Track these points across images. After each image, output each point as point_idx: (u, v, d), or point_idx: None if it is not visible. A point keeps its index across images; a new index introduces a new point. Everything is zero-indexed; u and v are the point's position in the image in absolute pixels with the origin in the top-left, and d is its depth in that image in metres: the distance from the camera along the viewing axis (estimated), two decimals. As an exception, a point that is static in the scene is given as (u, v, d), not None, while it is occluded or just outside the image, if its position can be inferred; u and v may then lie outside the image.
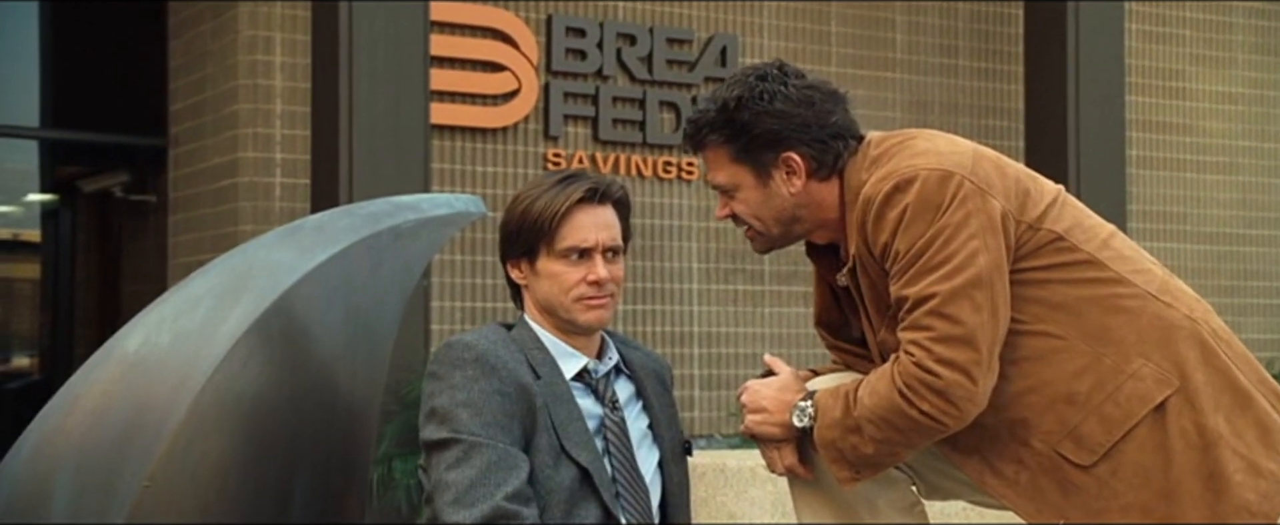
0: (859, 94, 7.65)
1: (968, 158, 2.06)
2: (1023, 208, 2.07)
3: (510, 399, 2.06)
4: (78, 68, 7.23)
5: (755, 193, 2.15)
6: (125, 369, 1.94)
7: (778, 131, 2.11)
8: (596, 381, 2.20)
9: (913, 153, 2.07)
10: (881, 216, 2.03)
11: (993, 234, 2.02)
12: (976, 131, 7.97)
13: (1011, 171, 2.10)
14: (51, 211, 7.59)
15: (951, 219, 2.00)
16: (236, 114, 6.37)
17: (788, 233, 2.21)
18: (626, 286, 6.97)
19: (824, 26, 7.61)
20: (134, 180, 7.41)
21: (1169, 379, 2.06)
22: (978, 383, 2.00)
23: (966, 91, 7.95)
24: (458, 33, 6.69)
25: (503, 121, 6.79)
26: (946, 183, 2.01)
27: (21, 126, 7.17)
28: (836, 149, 2.14)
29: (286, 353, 2.04)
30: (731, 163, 2.15)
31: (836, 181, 2.15)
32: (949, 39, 7.90)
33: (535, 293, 2.18)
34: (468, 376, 2.04)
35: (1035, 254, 2.07)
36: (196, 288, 1.99)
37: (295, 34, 6.30)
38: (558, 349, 2.18)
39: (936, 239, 2.00)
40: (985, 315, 2.00)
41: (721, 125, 2.14)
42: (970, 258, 1.99)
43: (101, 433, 1.90)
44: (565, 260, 2.17)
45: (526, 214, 2.16)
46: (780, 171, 2.13)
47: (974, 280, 1.99)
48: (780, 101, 2.12)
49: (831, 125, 2.14)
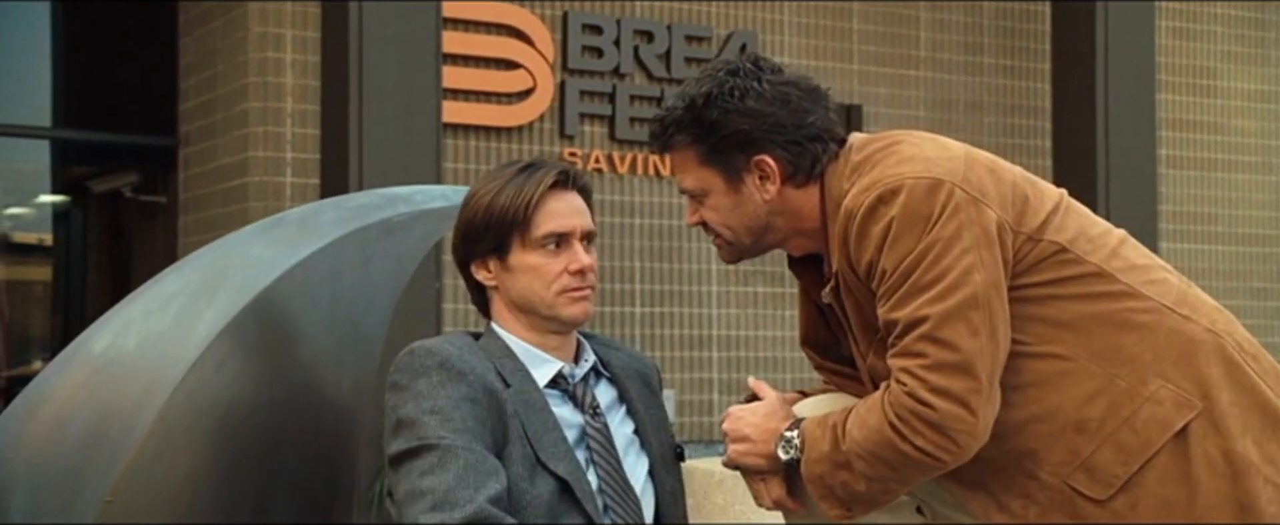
0: (881, 92, 7.54)
1: (959, 163, 1.88)
2: (1021, 217, 1.89)
3: (480, 405, 1.89)
4: (88, 67, 7.19)
5: (726, 198, 1.98)
6: (89, 373, 1.79)
7: (749, 132, 1.93)
8: (573, 386, 2.03)
9: (898, 160, 1.88)
10: (865, 232, 1.86)
11: (989, 247, 1.84)
12: (1002, 131, 7.85)
13: (1008, 177, 1.92)
14: (63, 212, 7.52)
15: (942, 232, 1.82)
16: (246, 112, 6.30)
17: (759, 243, 2.04)
18: (645, 289, 6.85)
19: (846, 24, 7.48)
20: (144, 180, 7.35)
21: (1190, 401, 1.88)
22: (977, 414, 1.82)
23: (992, 90, 7.83)
24: (471, 30, 6.60)
25: (517, 120, 6.70)
26: (936, 192, 1.83)
27: (32, 126, 7.11)
28: (814, 152, 1.95)
29: (265, 356, 1.89)
30: (700, 166, 1.98)
31: (816, 187, 1.97)
32: (974, 36, 7.78)
33: (510, 292, 2.01)
34: (433, 383, 1.88)
35: (1036, 268, 1.89)
36: (168, 286, 1.85)
37: (306, 31, 6.21)
38: (530, 355, 2.01)
39: (926, 255, 1.82)
40: (983, 339, 1.82)
41: (689, 124, 1.96)
42: (964, 275, 1.82)
43: (61, 444, 1.75)
44: (543, 250, 2.00)
45: (494, 206, 1.98)
46: (753, 176, 1.96)
47: (969, 300, 1.81)
48: (753, 99, 1.93)
49: (809, 126, 1.95)
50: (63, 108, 7.23)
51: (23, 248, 7.70)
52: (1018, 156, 7.93)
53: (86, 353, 1.82)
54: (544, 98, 6.74)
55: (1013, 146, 7.91)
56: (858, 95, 7.51)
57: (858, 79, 7.50)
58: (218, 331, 1.80)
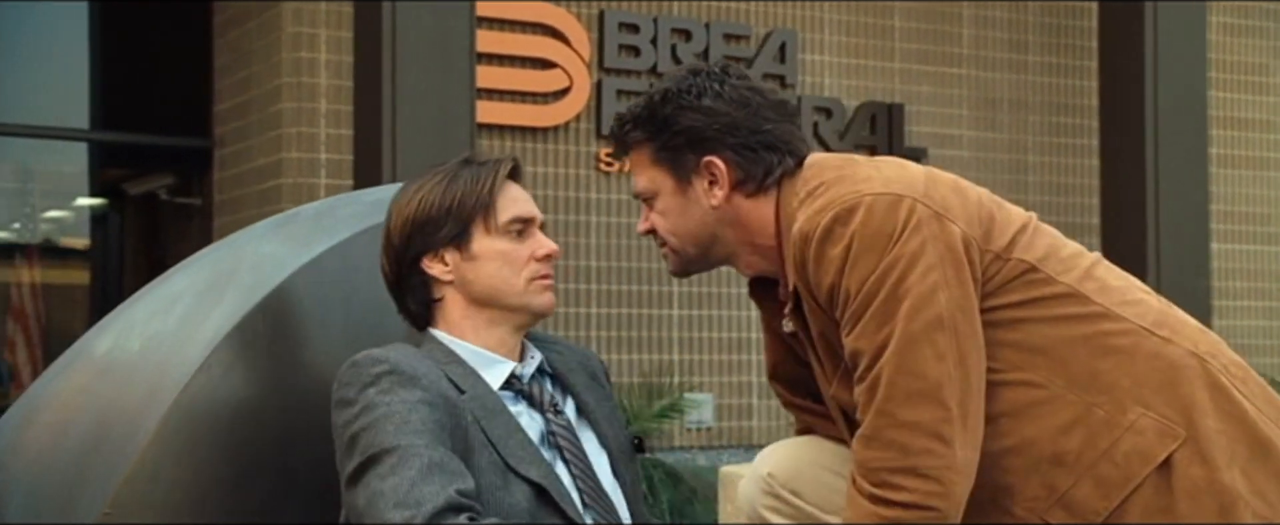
0: (924, 91, 7.43)
1: (919, 180, 1.79)
2: (988, 234, 1.79)
3: (438, 409, 1.77)
4: (124, 69, 7.20)
5: (674, 201, 1.90)
6: (90, 377, 1.70)
7: (700, 130, 1.86)
8: (527, 386, 1.92)
9: (853, 180, 1.79)
10: (822, 255, 1.75)
11: (955, 265, 1.73)
12: (1047, 130, 7.72)
13: (973, 195, 1.83)
14: (101, 216, 7.52)
15: (904, 249, 1.71)
16: (280, 113, 6.26)
17: (706, 255, 1.94)
18: (682, 291, 6.75)
19: (887, 21, 7.37)
20: (180, 182, 7.34)
21: (1173, 430, 1.75)
22: (952, 444, 1.69)
23: (1036, 88, 7.72)
24: (506, 29, 6.54)
25: (553, 120, 6.63)
26: (896, 208, 1.73)
27: (70, 129, 7.11)
28: (768, 162, 1.87)
29: (275, 358, 1.79)
30: (651, 165, 1.91)
31: (770, 201, 1.88)
32: (1018, 33, 7.67)
33: (472, 285, 1.89)
34: (382, 390, 1.73)
35: (1005, 288, 1.78)
36: (175, 285, 1.76)
37: (340, 30, 6.17)
38: (478, 358, 1.89)
39: (889, 275, 1.71)
40: (950, 364, 1.70)
41: (644, 120, 1.90)
42: (929, 294, 1.70)
43: (59, 452, 1.67)
44: (508, 236, 1.91)
45: (450, 195, 1.88)
46: (702, 179, 1.88)
47: (934, 322, 1.70)
48: (710, 98, 1.87)
49: (765, 133, 1.87)
50: (99, 110, 7.24)
51: (61, 251, 7.69)
52: (1063, 156, 7.79)
53: (87, 355, 1.73)
54: (580, 97, 6.67)
55: (1058, 146, 7.78)
56: (899, 94, 7.40)
57: (899, 77, 7.40)
58: (225, 333, 1.70)
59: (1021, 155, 7.71)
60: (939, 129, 7.49)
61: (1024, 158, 7.72)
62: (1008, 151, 7.67)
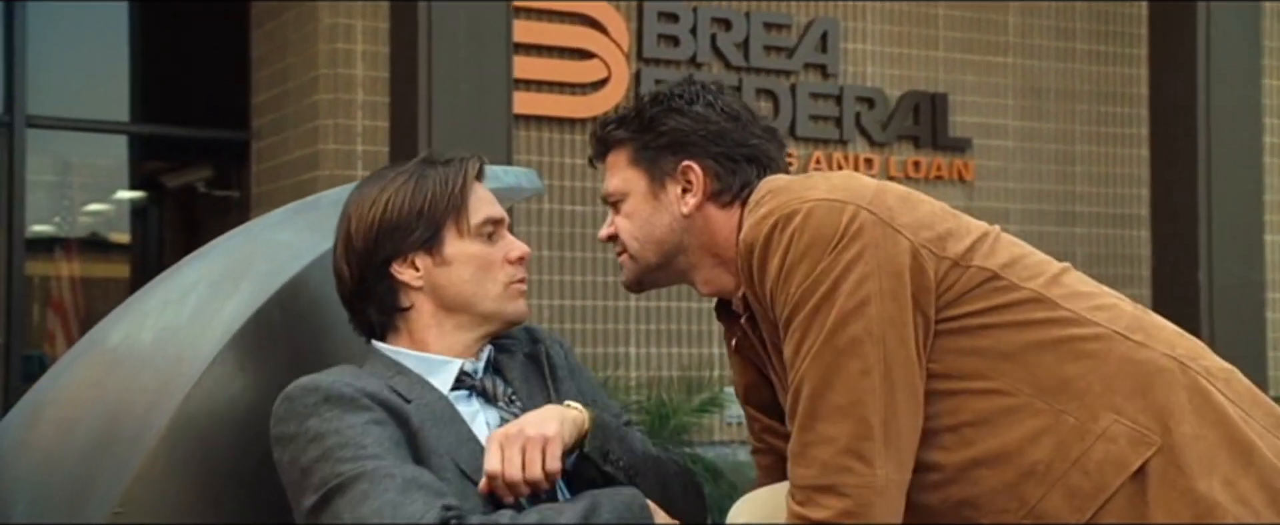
0: (968, 81, 7.33)
1: (867, 190, 1.71)
2: (943, 241, 1.69)
3: (389, 426, 1.64)
4: (162, 61, 7.21)
5: (643, 205, 1.84)
6: (100, 371, 1.64)
7: (685, 134, 1.82)
8: (480, 381, 1.82)
9: (802, 186, 1.73)
10: (764, 262, 1.68)
11: (893, 277, 1.64)
12: (1095, 119, 7.61)
13: (925, 207, 1.74)
14: (140, 209, 7.53)
15: (840, 257, 1.63)
16: (317, 105, 6.24)
17: (666, 265, 1.86)
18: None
19: (931, 10, 7.28)
20: (217, 175, 7.35)
21: (1147, 437, 1.65)
22: (872, 464, 1.60)
23: (1084, 77, 7.62)
24: (543, 18, 6.49)
25: (591, 111, 6.58)
26: (837, 213, 1.65)
27: (110, 121, 7.12)
28: (747, 176, 1.82)
29: (292, 351, 1.72)
30: (628, 166, 1.86)
31: (737, 214, 1.82)
32: (1066, 21, 7.57)
33: (444, 291, 1.78)
34: (325, 419, 1.61)
35: (967, 297, 1.69)
36: (188, 274, 1.69)
37: (377, 21, 6.14)
38: (424, 364, 1.78)
39: (821, 283, 1.63)
40: (876, 378, 1.61)
41: (630, 121, 1.86)
42: (859, 307, 1.62)
43: (67, 449, 1.60)
44: (480, 238, 1.81)
45: (419, 196, 1.77)
46: (676, 184, 1.83)
47: (862, 335, 1.61)
48: (701, 105, 1.84)
49: (751, 146, 1.83)
50: (139, 103, 7.24)
51: (102, 245, 7.71)
52: (1112, 146, 7.67)
53: (97, 349, 1.66)
54: (619, 88, 6.63)
55: (1107, 136, 7.66)
56: (943, 84, 7.31)
57: (943, 66, 7.30)
58: (240, 325, 1.63)
59: (1068, 145, 7.61)
60: (984, 119, 7.38)
61: (1071, 148, 7.61)
62: (1054, 142, 7.56)
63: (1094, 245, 7.52)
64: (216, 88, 7.10)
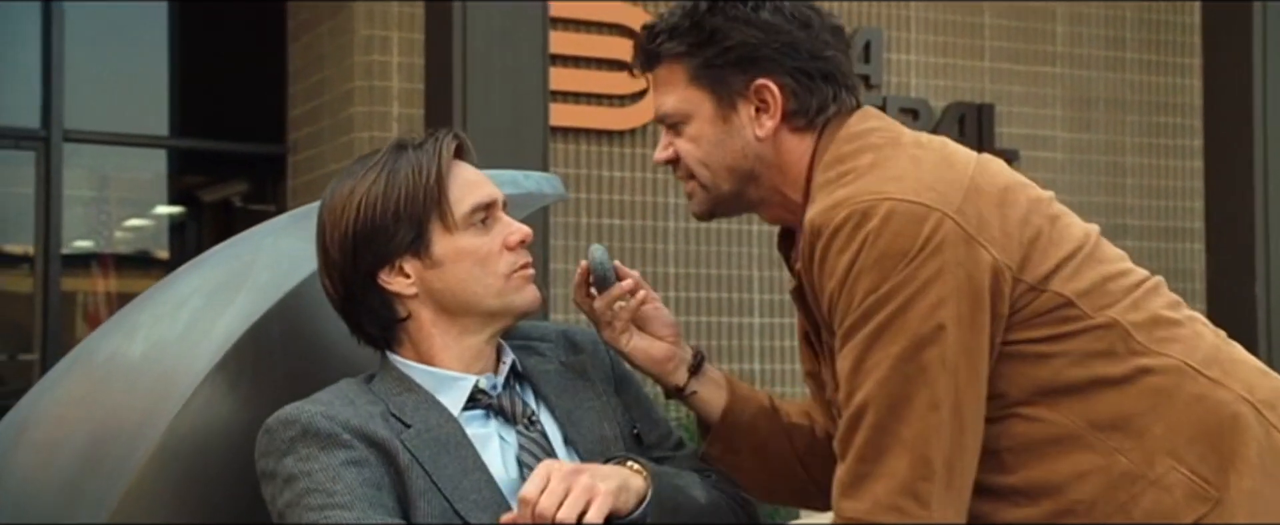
0: (1015, 91, 7.20)
1: (958, 188, 1.52)
2: (1026, 261, 1.52)
3: (368, 466, 1.49)
4: (200, 75, 7.20)
5: (711, 128, 1.63)
6: (87, 388, 1.54)
7: (756, 47, 1.60)
8: (497, 398, 1.64)
9: (884, 175, 1.53)
10: (827, 258, 1.50)
11: (972, 299, 1.47)
12: (1146, 130, 7.46)
13: (1020, 209, 1.55)
14: (178, 224, 7.51)
15: (918, 273, 1.46)
16: (352, 118, 6.19)
17: (740, 194, 1.67)
18: (763, 299, 6.56)
19: (976, 19, 7.16)
20: (253, 189, 7.31)
21: (1206, 491, 1.49)
22: (929, 507, 1.45)
23: (1134, 87, 7.49)
24: (580, 29, 6.43)
25: (629, 123, 6.52)
26: (920, 221, 1.47)
27: (147, 135, 7.10)
28: (824, 95, 1.62)
29: (292, 367, 1.61)
30: (688, 84, 1.63)
31: (811, 142, 1.63)
32: (1115, 30, 7.44)
33: (441, 295, 1.61)
34: (301, 458, 1.48)
35: (1034, 322, 1.53)
36: (183, 285, 1.59)
37: (413, 33, 6.10)
38: (435, 380, 1.62)
39: (891, 299, 1.46)
40: (944, 413, 1.45)
41: (685, 31, 1.62)
42: (934, 332, 1.45)
43: (50, 474, 1.50)
44: (472, 229, 1.62)
45: (392, 193, 1.58)
46: (749, 104, 1.62)
47: (935, 363, 1.45)
48: (768, 11, 1.61)
49: (826, 59, 1.62)
50: (174, 117, 7.23)
51: (139, 260, 7.69)
52: (1163, 158, 7.51)
53: (83, 365, 1.56)
54: (657, 100, 6.51)
55: (1158, 147, 7.50)
56: (990, 94, 7.18)
57: (990, 77, 7.18)
58: (236, 338, 1.53)
59: (1119, 157, 7.46)
60: (1031, 130, 7.24)
61: (1121, 160, 7.46)
62: (1104, 153, 7.41)
63: (1145, 259, 7.35)
64: (253, 101, 7.08)
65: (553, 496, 1.49)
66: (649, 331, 1.76)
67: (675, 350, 1.78)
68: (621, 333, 1.73)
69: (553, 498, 1.49)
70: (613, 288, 1.70)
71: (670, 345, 1.78)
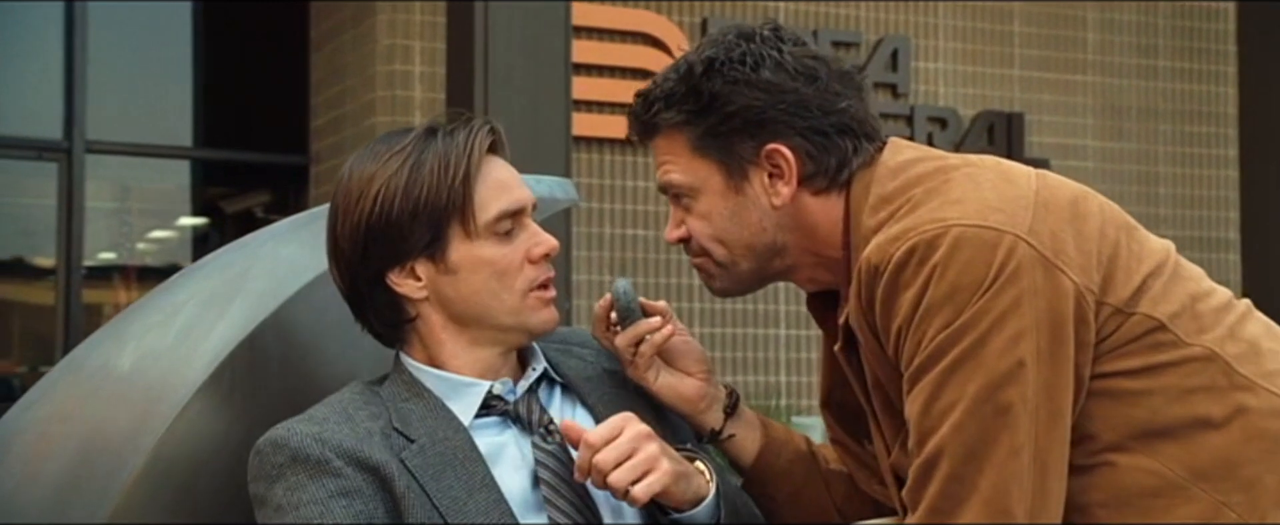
0: (1045, 100, 7.11)
1: (1026, 207, 1.40)
2: (1108, 281, 1.40)
3: (361, 496, 1.39)
4: (223, 85, 7.20)
5: (722, 202, 1.51)
6: (75, 401, 1.47)
7: (762, 110, 1.47)
8: (514, 405, 1.52)
9: (943, 200, 1.41)
10: (892, 296, 1.38)
11: (1053, 331, 1.35)
12: (1178, 139, 7.35)
13: (1095, 223, 1.43)
14: (202, 235, 7.48)
15: (993, 304, 1.34)
16: (374, 127, 6.16)
17: (763, 269, 1.55)
18: (789, 310, 6.48)
19: (1006, 26, 7.07)
20: (276, 200, 7.28)
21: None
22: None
23: (1167, 95, 7.38)
24: (603, 38, 6.37)
25: (653, 133, 6.40)
26: (992, 248, 1.35)
27: (169, 146, 7.10)
28: (843, 150, 1.49)
29: (288, 380, 1.54)
30: (691, 154, 1.50)
31: (840, 200, 1.51)
32: (1147, 37, 7.34)
33: (452, 303, 1.51)
34: (289, 487, 1.39)
35: (1124, 350, 1.40)
36: (177, 293, 1.51)
37: (435, 42, 6.06)
38: (446, 386, 1.51)
39: (964, 334, 1.34)
40: (1025, 460, 1.33)
41: (682, 98, 1.49)
42: (1013, 370, 1.33)
43: (33, 491, 1.43)
44: (493, 237, 1.49)
45: (414, 188, 1.45)
46: (760, 172, 1.50)
47: (1017, 404, 1.33)
48: (769, 70, 1.48)
49: (840, 112, 1.49)
50: (197, 127, 7.22)
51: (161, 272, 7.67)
52: (1197, 167, 7.41)
53: (70, 377, 1.49)
54: (681, 109, 6.45)
55: (1191, 156, 7.39)
56: (1019, 102, 7.09)
57: (1019, 85, 7.08)
58: (230, 350, 1.45)
59: (1151, 166, 7.35)
60: (1062, 139, 7.15)
61: (1154, 169, 7.35)
62: (1136, 162, 7.31)
63: (1179, 270, 7.25)
64: (275, 111, 7.07)
65: (616, 451, 1.41)
66: (678, 367, 1.63)
67: (707, 388, 1.64)
68: (647, 369, 1.61)
69: (615, 452, 1.41)
70: (638, 323, 1.58)
71: (701, 382, 1.64)
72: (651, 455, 1.42)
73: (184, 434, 1.44)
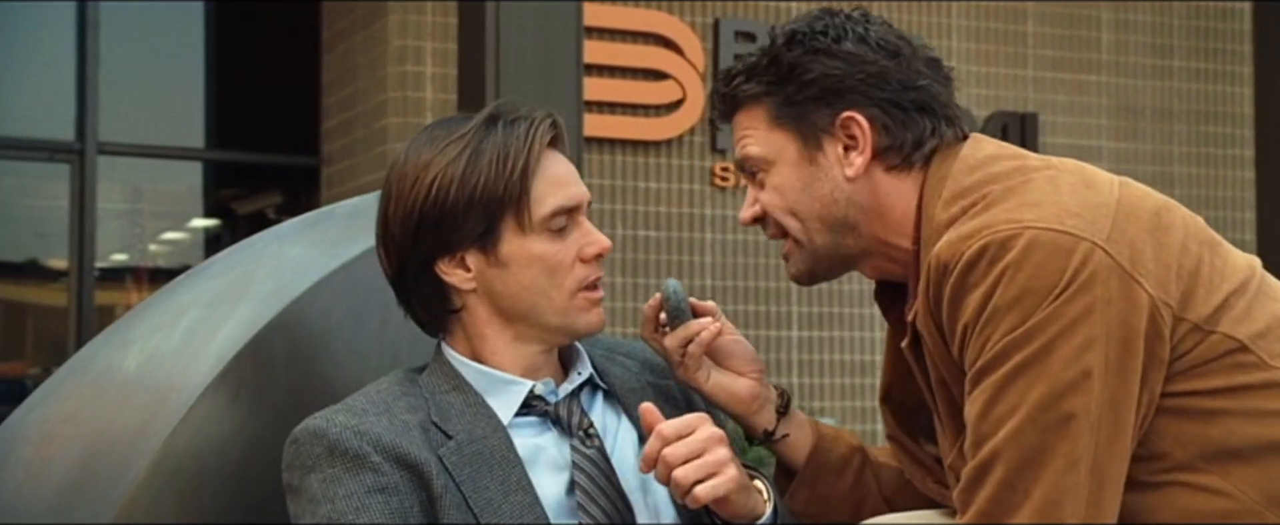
0: (1059, 100, 7.07)
1: (1105, 214, 1.36)
2: (1188, 297, 1.36)
3: (398, 494, 1.37)
4: (234, 87, 7.20)
5: (795, 173, 1.50)
6: (79, 403, 1.46)
7: (839, 79, 1.46)
8: (555, 407, 1.50)
9: (1022, 201, 1.37)
10: (960, 296, 1.35)
11: (1124, 345, 1.31)
12: (1194, 140, 7.31)
13: (1177, 236, 1.39)
14: (214, 237, 7.49)
15: (1064, 311, 1.30)
16: (386, 129, 6.15)
17: (838, 245, 1.52)
18: (802, 311, 6.46)
19: (1020, 26, 7.04)
20: (287, 201, 7.28)
21: None
22: None
23: (1182, 95, 7.34)
24: (615, 39, 6.36)
25: (665, 134, 6.45)
26: (1067, 253, 1.32)
27: (181, 147, 7.10)
28: (921, 127, 1.47)
29: (295, 382, 1.52)
30: (770, 126, 1.50)
31: (915, 183, 1.48)
32: (1162, 37, 7.30)
33: (499, 297, 1.49)
34: (325, 480, 1.37)
35: (1201, 370, 1.36)
36: (183, 294, 1.50)
37: (447, 43, 6.06)
38: (487, 381, 1.50)
39: (1031, 340, 1.31)
40: (1082, 473, 1.30)
41: (764, 69, 1.48)
42: (1078, 380, 1.30)
43: (38, 494, 1.42)
44: (547, 234, 1.48)
45: (472, 177, 1.43)
46: (835, 142, 1.48)
47: (1079, 414, 1.30)
48: (851, 41, 1.47)
49: (919, 89, 1.47)
50: (209, 128, 7.22)
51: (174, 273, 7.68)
52: (1213, 168, 7.37)
53: (75, 380, 1.48)
54: (693, 110, 6.48)
55: (1207, 157, 7.35)
56: (1033, 103, 7.05)
57: (1033, 86, 7.05)
58: (235, 351, 1.43)
59: (1166, 167, 7.31)
60: (1076, 140, 7.11)
61: (1169, 170, 7.31)
62: (1151, 163, 7.27)
63: (1194, 272, 7.21)
64: (287, 113, 7.07)
65: (687, 447, 1.40)
66: (729, 367, 1.61)
67: (760, 388, 1.62)
68: (697, 370, 1.59)
69: (687, 448, 1.40)
70: (688, 324, 1.56)
71: (754, 382, 1.62)
72: (722, 459, 1.41)
73: (190, 436, 1.42)
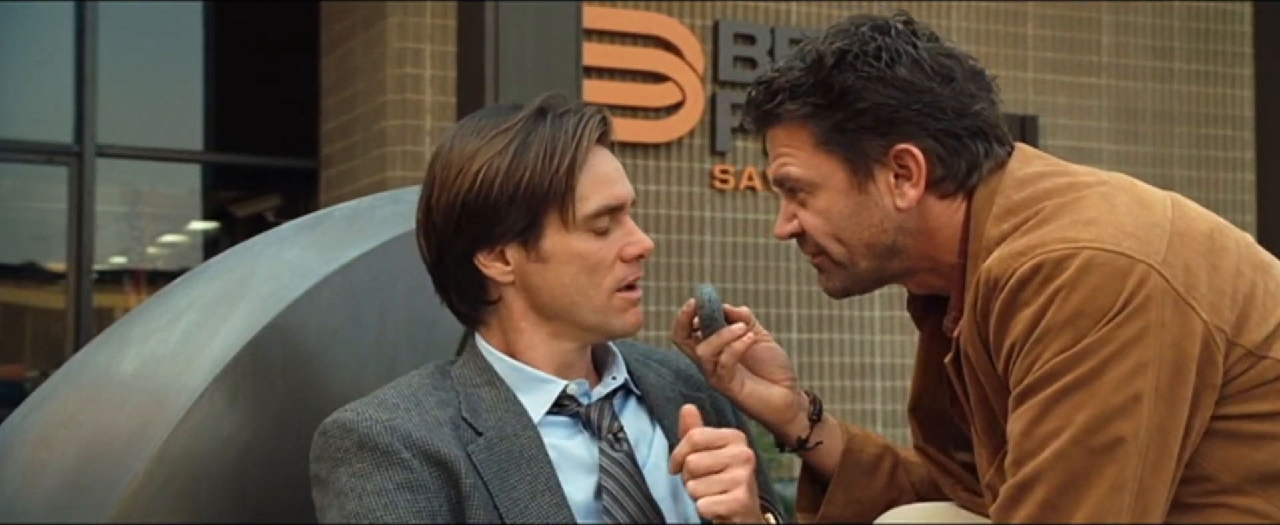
0: (1060, 103, 7.07)
1: (1161, 236, 1.34)
2: (1241, 323, 1.34)
3: (425, 492, 1.37)
4: (233, 89, 7.19)
5: (843, 200, 1.46)
6: (75, 407, 1.45)
7: (895, 110, 1.41)
8: (587, 409, 1.49)
9: (1077, 218, 1.35)
10: (1010, 312, 1.33)
11: (1176, 371, 1.29)
12: (1194, 142, 7.30)
13: (1231, 260, 1.36)
14: (212, 239, 7.47)
15: (1117, 334, 1.28)
16: (385, 131, 6.14)
17: (880, 270, 1.49)
18: (802, 314, 6.45)
19: (1020, 29, 7.03)
20: (286, 204, 7.27)
21: None
22: None
23: (1183, 98, 7.34)
24: (615, 41, 6.36)
25: (665, 136, 6.45)
26: (1123, 276, 1.30)
27: (180, 150, 7.09)
28: (975, 154, 1.44)
29: (293, 386, 1.51)
30: (815, 149, 1.45)
31: (963, 205, 1.46)
32: (1162, 40, 7.30)
33: (540, 292, 1.48)
34: (354, 473, 1.36)
35: (1253, 394, 1.34)
36: (180, 297, 1.49)
37: (446, 45, 6.05)
38: (520, 377, 1.48)
39: (1082, 361, 1.28)
40: (1126, 498, 1.28)
41: (810, 90, 1.43)
42: (1128, 404, 1.28)
43: (33, 496, 1.41)
44: (590, 232, 1.46)
45: (517, 170, 1.42)
46: (887, 172, 1.44)
47: (1126, 439, 1.28)
48: (905, 67, 1.41)
49: (974, 115, 1.43)
50: (208, 131, 7.21)
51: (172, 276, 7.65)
52: (1214, 170, 7.36)
53: (72, 382, 1.47)
54: (693, 112, 6.48)
55: (1207, 159, 7.34)
56: (1033, 105, 7.05)
57: (1033, 88, 7.04)
58: (233, 355, 1.43)
59: (1167, 169, 7.31)
60: (1077, 142, 7.11)
61: (1170, 172, 7.32)
62: (1152, 166, 7.27)
63: (1195, 274, 7.21)
64: (286, 115, 7.06)
65: (712, 459, 1.39)
66: (762, 375, 1.60)
67: (794, 396, 1.61)
68: (731, 379, 1.57)
69: (711, 460, 1.39)
70: (721, 333, 1.54)
71: (788, 390, 1.60)
72: (737, 479, 1.40)
73: (187, 438, 1.41)
